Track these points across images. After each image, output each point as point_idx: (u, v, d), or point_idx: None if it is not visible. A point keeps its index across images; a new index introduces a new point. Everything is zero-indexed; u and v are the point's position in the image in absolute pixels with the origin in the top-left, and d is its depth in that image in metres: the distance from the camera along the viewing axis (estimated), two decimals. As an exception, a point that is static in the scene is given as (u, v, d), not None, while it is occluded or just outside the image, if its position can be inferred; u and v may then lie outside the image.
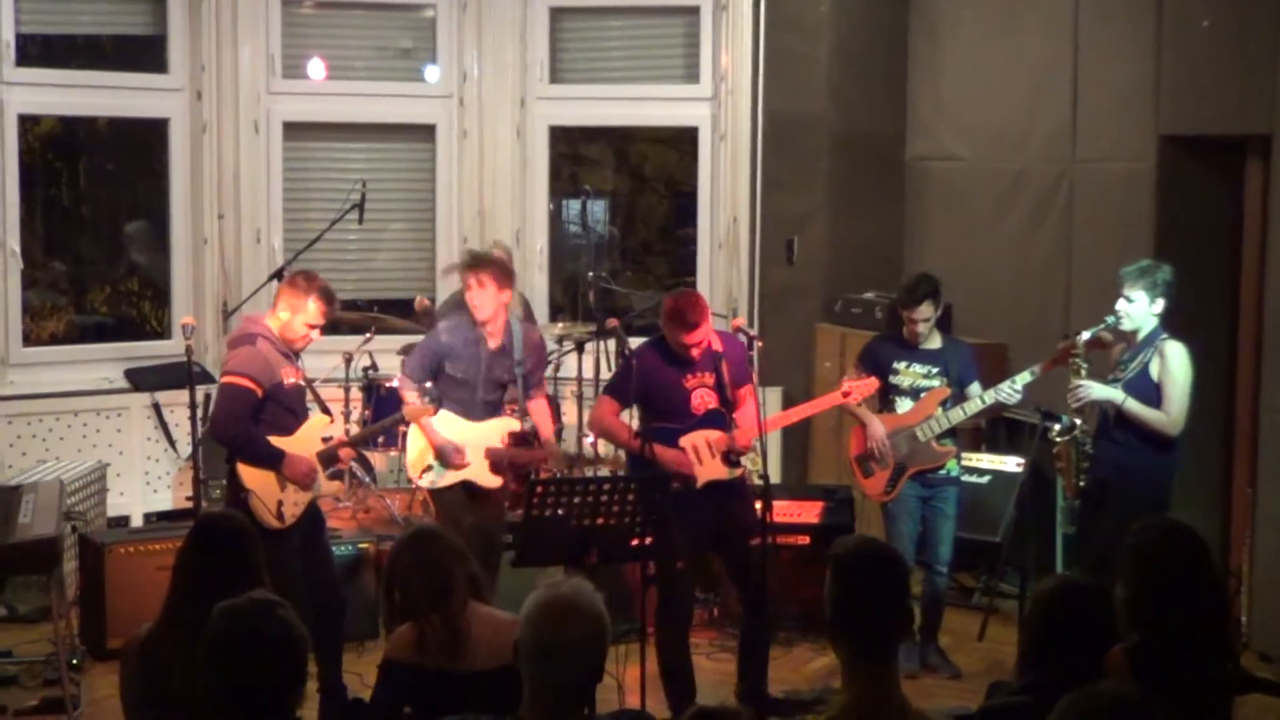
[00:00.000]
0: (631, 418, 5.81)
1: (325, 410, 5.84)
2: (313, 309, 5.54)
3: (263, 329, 5.57)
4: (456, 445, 6.18)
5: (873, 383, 6.16)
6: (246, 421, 5.48)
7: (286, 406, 5.59)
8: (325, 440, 5.75)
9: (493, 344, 6.21)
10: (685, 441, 5.60)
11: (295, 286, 5.56)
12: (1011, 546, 6.97)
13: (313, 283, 5.57)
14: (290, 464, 5.50)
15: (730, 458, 5.62)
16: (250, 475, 5.49)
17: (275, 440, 5.52)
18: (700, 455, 5.60)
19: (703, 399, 5.63)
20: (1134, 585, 3.63)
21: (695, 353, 5.56)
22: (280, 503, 5.50)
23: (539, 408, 6.39)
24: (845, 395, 6.09)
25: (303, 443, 5.62)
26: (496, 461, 6.21)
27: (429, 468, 6.21)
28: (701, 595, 6.75)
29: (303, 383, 5.70)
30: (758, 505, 5.47)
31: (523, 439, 6.27)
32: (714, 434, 5.60)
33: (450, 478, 6.19)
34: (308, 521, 5.62)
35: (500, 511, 6.37)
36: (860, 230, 8.76)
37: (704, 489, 5.61)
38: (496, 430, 6.24)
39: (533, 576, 5.21)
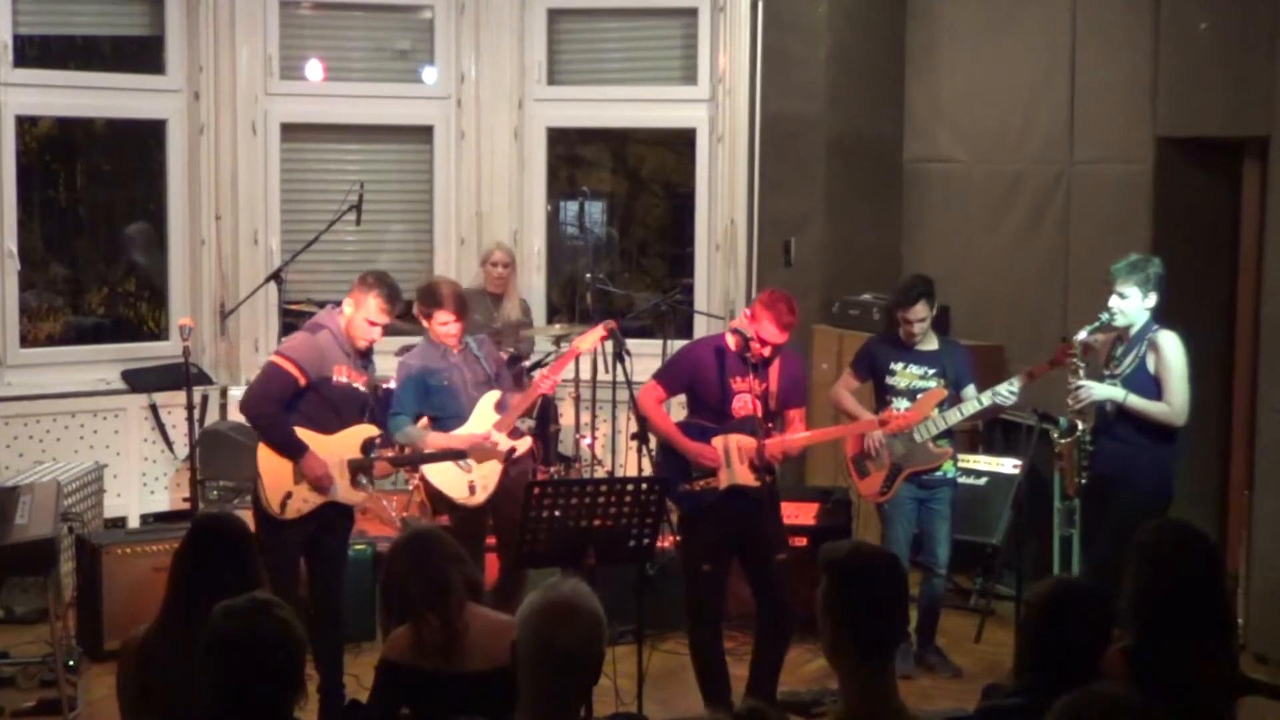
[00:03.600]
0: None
1: (375, 421, 5.75)
2: (373, 305, 5.50)
3: (333, 323, 5.56)
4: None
5: (912, 416, 6.17)
6: (277, 404, 5.44)
7: (330, 404, 5.52)
8: (365, 449, 5.64)
9: (456, 348, 6.18)
10: (717, 441, 5.62)
11: (363, 283, 5.54)
12: (1008, 548, 6.97)
13: (379, 280, 5.54)
14: (308, 461, 5.44)
15: (757, 466, 5.60)
16: (266, 459, 5.46)
17: (306, 435, 5.47)
18: (730, 457, 5.61)
19: (744, 404, 5.62)
20: (1140, 584, 3.62)
21: (767, 351, 5.56)
22: (288, 495, 5.45)
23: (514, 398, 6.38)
24: (883, 424, 6.11)
25: (340, 445, 5.55)
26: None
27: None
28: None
29: (359, 386, 5.61)
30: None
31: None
32: (746, 440, 5.58)
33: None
34: (323, 523, 5.55)
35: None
36: (858, 232, 8.76)
37: (730, 495, 5.60)
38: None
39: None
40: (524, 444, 6.31)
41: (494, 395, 6.20)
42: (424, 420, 6.19)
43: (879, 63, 8.81)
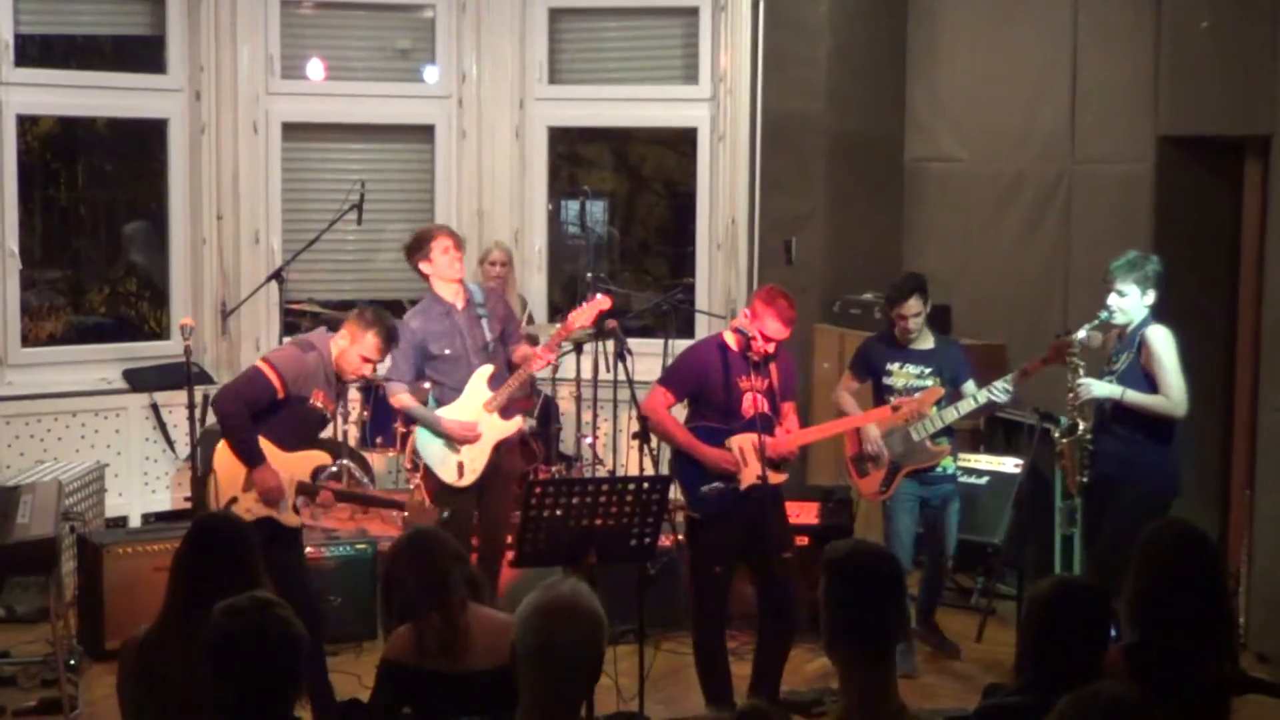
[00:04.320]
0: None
1: (337, 454, 5.72)
2: (370, 343, 5.54)
3: (324, 348, 5.57)
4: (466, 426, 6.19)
5: (925, 399, 6.21)
6: (250, 408, 5.44)
7: (296, 422, 5.53)
8: (314, 475, 5.62)
9: (459, 304, 6.29)
10: (733, 443, 5.62)
11: (361, 318, 5.57)
12: (1010, 547, 6.97)
13: (378, 319, 5.57)
14: (262, 473, 5.43)
15: (772, 463, 5.58)
16: (223, 458, 5.47)
17: (264, 446, 5.46)
18: (746, 458, 5.61)
19: (753, 402, 5.62)
20: (1141, 583, 3.62)
21: (771, 348, 5.56)
22: (233, 500, 5.44)
23: (524, 352, 6.42)
24: (894, 410, 6.13)
25: (293, 465, 5.54)
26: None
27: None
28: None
29: (326, 412, 5.64)
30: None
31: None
32: (758, 438, 5.60)
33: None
34: (266, 535, 5.50)
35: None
36: (859, 231, 8.76)
37: (745, 494, 5.61)
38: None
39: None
40: (513, 425, 6.33)
41: (487, 370, 6.24)
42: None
43: (880, 62, 8.80)
